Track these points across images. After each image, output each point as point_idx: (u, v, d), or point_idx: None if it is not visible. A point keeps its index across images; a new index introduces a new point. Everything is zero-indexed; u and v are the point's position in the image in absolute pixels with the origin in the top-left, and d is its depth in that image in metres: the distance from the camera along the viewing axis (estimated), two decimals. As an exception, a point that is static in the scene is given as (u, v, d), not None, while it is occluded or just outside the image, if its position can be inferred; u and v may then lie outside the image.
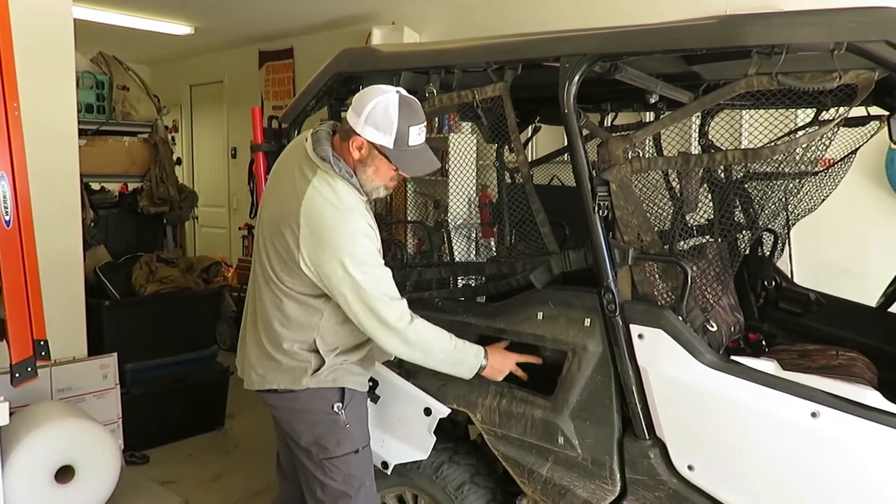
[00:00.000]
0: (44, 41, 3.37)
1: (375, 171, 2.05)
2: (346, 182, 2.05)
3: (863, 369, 2.46)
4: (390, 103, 1.95)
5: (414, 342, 2.06)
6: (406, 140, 1.98)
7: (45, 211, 2.95)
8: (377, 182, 2.08)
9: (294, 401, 2.16)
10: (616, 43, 2.01)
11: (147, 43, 7.29)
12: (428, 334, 2.09)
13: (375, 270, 2.02)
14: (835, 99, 2.11)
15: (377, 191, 2.12)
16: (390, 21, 5.85)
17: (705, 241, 2.63)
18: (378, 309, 2.01)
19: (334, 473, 2.17)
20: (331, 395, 2.15)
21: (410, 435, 2.36)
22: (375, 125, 1.96)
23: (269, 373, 2.17)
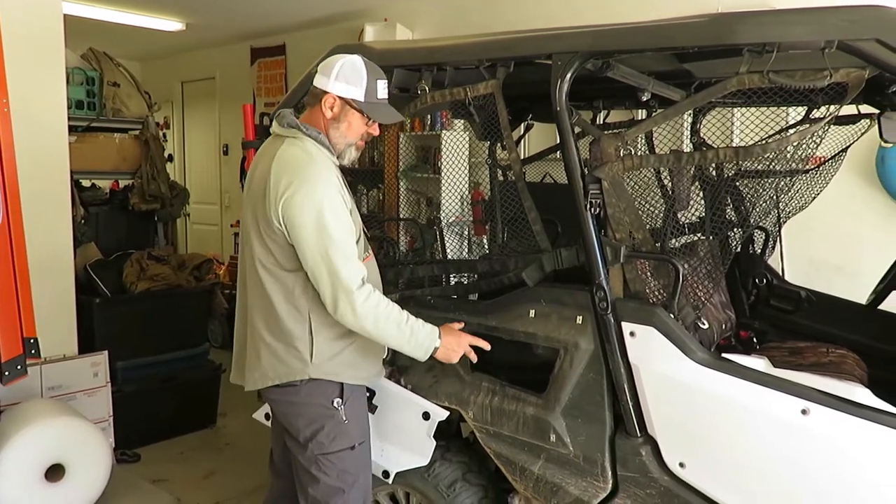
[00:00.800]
0: (33, 37, 3.35)
1: (349, 127, 2.11)
2: (314, 142, 2.10)
3: (853, 366, 2.48)
4: (356, 61, 2.09)
5: (364, 310, 2.01)
6: (375, 93, 2.08)
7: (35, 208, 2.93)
8: (350, 138, 2.12)
9: (295, 394, 2.15)
10: (608, 41, 2.01)
11: (138, 39, 7.25)
12: (380, 305, 2.04)
13: (344, 225, 2.03)
14: (826, 97, 2.12)
15: (349, 151, 2.15)
16: (383, 18, 5.84)
17: (697, 239, 2.64)
18: (336, 262, 1.99)
19: (329, 469, 2.16)
20: (331, 389, 2.14)
21: (410, 441, 2.36)
22: (346, 80, 2.06)
23: (269, 368, 2.15)
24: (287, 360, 2.13)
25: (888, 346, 2.69)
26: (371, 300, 2.03)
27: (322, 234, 1.98)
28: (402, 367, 2.49)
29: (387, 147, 5.51)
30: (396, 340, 2.10)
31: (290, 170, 2.03)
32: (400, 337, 2.09)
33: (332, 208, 2.00)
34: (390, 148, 5.48)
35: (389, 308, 2.07)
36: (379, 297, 2.06)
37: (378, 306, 2.04)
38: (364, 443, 2.23)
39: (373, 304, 2.03)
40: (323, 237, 1.98)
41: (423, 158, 5.59)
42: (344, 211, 2.05)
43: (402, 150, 5.55)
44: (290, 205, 1.98)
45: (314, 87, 2.11)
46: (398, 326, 2.07)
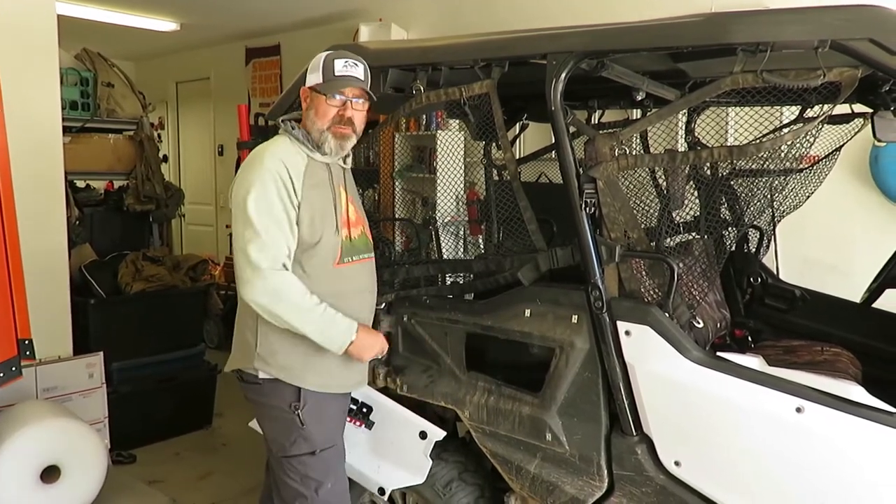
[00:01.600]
0: (27, 37, 3.35)
1: (316, 112, 2.13)
2: (289, 137, 2.17)
3: (847, 364, 2.48)
4: (324, 53, 2.16)
5: (275, 292, 2.01)
6: (332, 70, 2.10)
7: (29, 209, 2.93)
8: (319, 123, 2.13)
9: (259, 393, 2.20)
10: (603, 40, 2.01)
11: (132, 39, 7.24)
12: (294, 290, 2.04)
13: (269, 214, 2.03)
14: (819, 96, 2.13)
15: (326, 139, 2.14)
16: (378, 18, 5.83)
17: (692, 238, 2.65)
18: (248, 246, 2.01)
19: (292, 472, 2.19)
20: (288, 392, 2.16)
21: (406, 460, 2.36)
22: (311, 70, 2.15)
23: (234, 351, 2.26)
24: (241, 347, 2.21)
25: (882, 344, 2.70)
26: (285, 285, 2.02)
27: (243, 213, 2.03)
28: (398, 367, 2.49)
29: (382, 147, 5.51)
30: (312, 330, 2.07)
31: (248, 161, 2.16)
32: (311, 326, 2.06)
33: (259, 196, 2.02)
34: (386, 148, 5.47)
35: (302, 298, 2.04)
36: (294, 284, 2.04)
37: (293, 293, 2.03)
38: (330, 449, 2.22)
39: (287, 290, 2.02)
40: (244, 216, 2.03)
41: (418, 158, 5.59)
42: (278, 198, 2.04)
43: (397, 150, 5.55)
44: (233, 189, 2.12)
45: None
46: (310, 316, 2.05)
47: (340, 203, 2.20)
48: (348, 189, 2.29)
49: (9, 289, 2.50)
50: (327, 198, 2.17)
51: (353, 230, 2.24)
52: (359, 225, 2.29)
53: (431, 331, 2.41)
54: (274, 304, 2.03)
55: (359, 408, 2.43)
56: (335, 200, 2.19)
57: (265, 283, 2.01)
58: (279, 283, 2.02)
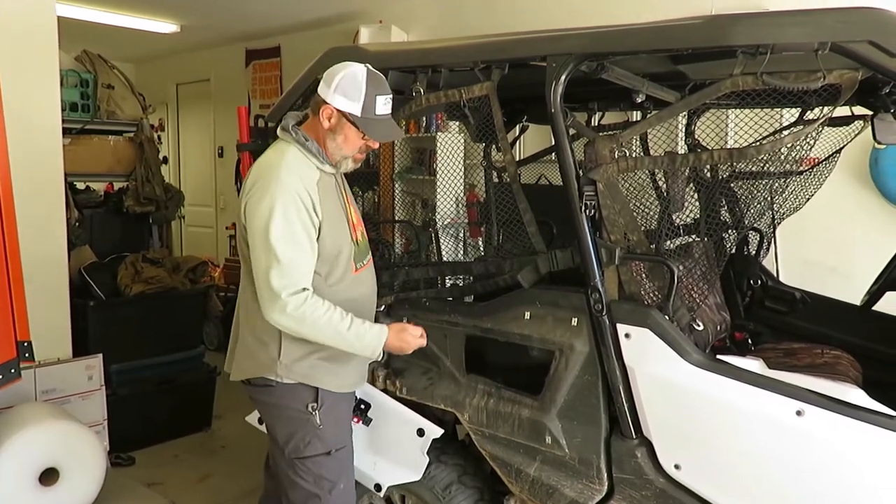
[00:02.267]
0: (27, 39, 3.35)
1: (345, 140, 2.09)
2: (300, 148, 2.10)
3: (847, 367, 2.48)
4: (358, 73, 2.05)
5: (298, 318, 2.00)
6: (373, 109, 2.05)
7: (29, 211, 2.93)
8: (346, 151, 2.11)
9: (270, 395, 2.18)
10: (602, 43, 2.01)
11: (132, 41, 7.24)
12: (317, 313, 2.01)
13: (292, 235, 2.00)
14: (819, 99, 2.13)
15: (345, 162, 2.15)
16: (378, 20, 5.84)
17: (692, 241, 2.64)
18: (271, 270, 1.99)
19: (305, 474, 2.18)
20: (305, 393, 2.15)
21: (403, 456, 2.36)
22: (345, 94, 2.04)
23: (243, 360, 2.21)
24: (257, 356, 2.17)
25: (882, 346, 2.70)
26: (305, 309, 2.00)
27: (264, 240, 1.99)
28: (397, 369, 2.49)
29: (382, 149, 5.50)
30: (341, 343, 2.07)
31: (260, 173, 2.08)
32: (340, 342, 2.07)
33: (281, 217, 1.99)
34: (385, 150, 5.47)
35: (326, 318, 2.02)
36: (316, 305, 2.02)
37: (316, 314, 2.01)
38: (343, 449, 2.23)
39: (308, 313, 2.00)
40: (265, 242, 1.99)
41: (418, 160, 5.59)
42: (299, 221, 2.02)
43: (397, 152, 5.55)
44: (249, 207, 2.06)
45: (317, 95, 2.11)
46: (336, 334, 2.05)
47: (346, 210, 2.21)
48: (346, 191, 2.29)
49: (8, 291, 2.50)
50: (339, 207, 2.17)
51: (357, 233, 2.25)
52: (360, 226, 2.29)
53: (431, 333, 2.39)
54: (299, 328, 2.03)
55: (357, 404, 2.42)
56: (345, 208, 2.20)
57: (287, 309, 1.99)
58: (301, 308, 2.00)
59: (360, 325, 2.07)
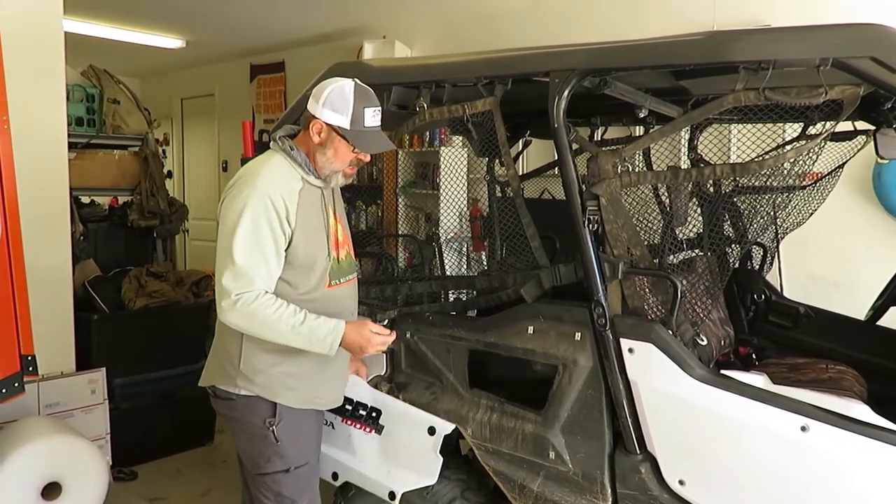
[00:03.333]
0: (34, 54, 3.37)
1: (335, 154, 2.09)
2: (286, 157, 2.11)
3: (852, 382, 2.47)
4: (346, 87, 2.06)
5: (247, 314, 1.98)
6: (362, 121, 2.05)
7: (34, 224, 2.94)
8: (336, 165, 2.11)
9: (232, 408, 2.18)
10: (605, 58, 2.02)
11: (138, 56, 7.29)
12: (267, 309, 1.98)
13: (256, 239, 1.99)
14: (821, 114, 2.13)
15: (336, 176, 2.14)
16: (381, 35, 5.88)
17: (695, 255, 2.64)
18: (226, 268, 1.98)
19: (266, 490, 2.18)
20: (263, 408, 2.13)
21: (417, 459, 2.34)
22: (333, 107, 2.05)
23: (210, 368, 2.23)
24: (222, 366, 2.17)
25: (887, 361, 2.69)
26: (254, 306, 1.97)
27: (228, 242, 1.99)
28: (400, 384, 2.49)
29: (385, 163, 5.53)
30: (291, 341, 2.03)
31: (239, 178, 2.10)
32: (293, 338, 2.02)
33: (249, 221, 1.98)
34: (389, 164, 5.50)
35: (276, 314, 1.99)
36: (268, 302, 1.99)
37: (257, 314, 1.98)
38: (304, 466, 2.20)
39: (258, 310, 1.97)
40: (228, 244, 1.99)
41: (421, 175, 5.60)
42: (267, 227, 2.00)
43: (400, 167, 5.57)
44: (222, 209, 2.07)
45: (306, 111, 2.13)
46: (288, 329, 2.00)
47: (330, 225, 2.18)
48: (336, 209, 2.26)
49: (12, 304, 2.50)
50: (319, 221, 2.15)
51: (340, 251, 2.22)
52: (345, 245, 2.26)
53: (434, 347, 2.40)
54: (250, 324, 2.01)
55: (368, 413, 2.41)
56: (326, 223, 2.17)
57: (237, 305, 1.98)
58: (252, 304, 1.98)
59: (315, 320, 2.03)
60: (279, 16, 5.80)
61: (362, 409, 2.44)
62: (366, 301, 2.53)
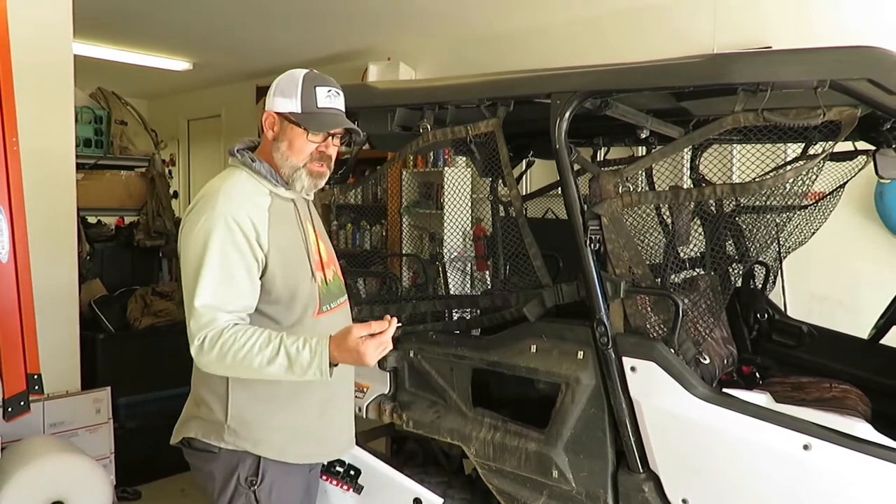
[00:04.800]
0: (44, 77, 3.42)
1: (289, 146, 1.83)
2: (248, 172, 1.86)
3: (856, 401, 2.47)
4: (295, 72, 1.85)
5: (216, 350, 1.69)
6: (314, 101, 1.81)
7: (41, 244, 2.97)
8: (294, 159, 1.84)
9: (209, 462, 1.87)
10: (606, 80, 2.05)
11: (145, 78, 7.38)
12: (237, 342, 1.69)
13: (221, 265, 1.72)
14: (821, 134, 2.15)
15: (299, 177, 1.86)
16: (386, 57, 5.94)
17: (697, 274, 2.65)
18: (191, 303, 1.71)
19: None
20: (247, 464, 1.86)
21: None
22: (282, 93, 1.83)
23: (187, 418, 1.91)
24: (199, 414, 1.88)
25: (891, 380, 2.68)
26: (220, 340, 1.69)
27: (191, 277, 1.73)
28: (404, 402, 2.49)
29: (390, 184, 5.57)
30: (272, 374, 1.71)
31: (197, 200, 1.83)
32: (272, 369, 1.70)
33: (215, 251, 1.72)
34: (393, 184, 5.54)
35: (247, 347, 1.69)
36: (230, 342, 1.69)
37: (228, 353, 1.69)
38: None
39: (221, 344, 1.69)
40: (192, 280, 1.73)
41: (425, 195, 5.64)
42: (236, 253, 1.74)
43: (404, 187, 5.61)
44: (181, 237, 1.82)
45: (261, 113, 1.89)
46: (269, 362, 1.69)
47: (310, 242, 1.92)
48: (315, 223, 2.01)
49: (19, 324, 2.53)
50: (297, 239, 1.89)
51: (326, 272, 1.95)
52: (331, 265, 2.00)
53: (438, 366, 2.41)
54: (225, 367, 1.74)
55: (346, 471, 2.28)
56: (305, 241, 1.90)
57: (203, 348, 1.71)
58: (219, 340, 1.70)
59: (291, 346, 1.69)
60: (285, 38, 5.88)
61: (339, 465, 2.28)
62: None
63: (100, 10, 4.99)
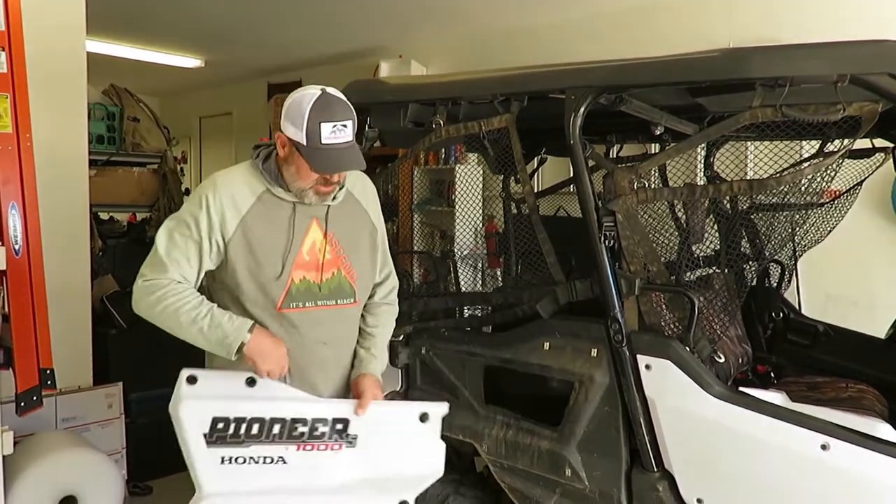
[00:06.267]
0: (57, 74, 3.43)
1: (297, 171, 1.88)
2: (251, 166, 1.96)
3: (872, 402, 2.44)
4: (305, 98, 1.83)
5: (152, 298, 1.87)
6: (318, 137, 1.81)
7: (54, 240, 2.97)
8: (301, 183, 1.89)
9: None
10: (621, 75, 2.03)
11: (158, 75, 7.40)
12: (174, 295, 1.84)
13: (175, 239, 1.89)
14: (839, 131, 2.13)
15: (306, 194, 1.91)
16: (398, 54, 5.93)
17: (712, 272, 2.63)
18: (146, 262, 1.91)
19: None
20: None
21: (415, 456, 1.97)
22: (291, 121, 1.84)
23: None
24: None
25: (908, 381, 2.65)
26: (149, 290, 1.87)
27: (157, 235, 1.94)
28: (416, 400, 2.48)
29: (401, 180, 5.55)
30: (193, 337, 1.88)
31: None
32: (195, 334, 1.87)
33: (178, 220, 1.91)
34: (405, 181, 5.52)
35: (181, 301, 1.84)
36: (164, 291, 1.85)
37: (160, 297, 1.85)
38: None
39: (151, 292, 1.87)
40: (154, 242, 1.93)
41: (437, 192, 5.63)
42: (194, 231, 1.87)
43: (416, 184, 5.60)
44: None
45: None
46: (192, 321, 1.84)
47: (298, 244, 1.93)
48: (331, 227, 1.98)
49: (32, 319, 2.53)
50: (276, 238, 1.92)
51: (323, 273, 1.96)
52: (332, 268, 1.98)
53: (450, 363, 2.40)
54: (153, 314, 1.90)
55: (332, 429, 1.90)
56: (289, 241, 1.92)
57: (137, 287, 1.90)
58: (151, 284, 1.87)
59: (222, 315, 1.85)
60: (296, 36, 5.87)
61: (322, 426, 1.90)
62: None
63: (113, 7, 5.00)
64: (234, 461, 1.88)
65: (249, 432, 1.87)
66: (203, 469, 1.90)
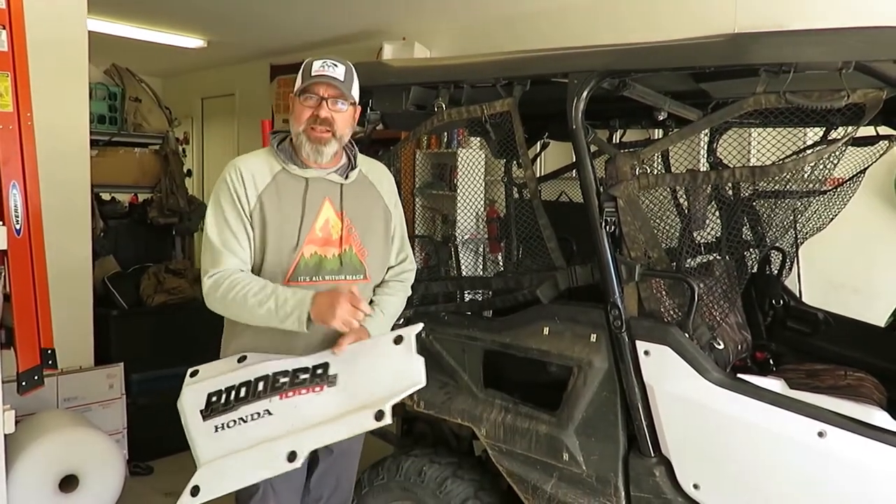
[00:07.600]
0: (58, 53, 3.42)
1: (294, 116, 2.02)
2: (269, 149, 2.08)
3: (871, 390, 2.44)
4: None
5: (212, 287, 1.97)
6: (309, 71, 1.98)
7: (55, 220, 2.97)
8: (296, 126, 2.01)
9: None
10: (624, 60, 2.02)
11: (160, 55, 7.36)
12: (237, 285, 1.93)
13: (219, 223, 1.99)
14: (843, 118, 2.12)
15: (302, 142, 2.00)
16: (401, 37, 5.90)
17: (713, 259, 2.63)
18: (204, 256, 2.02)
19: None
20: None
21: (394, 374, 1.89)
22: (297, 79, 2.02)
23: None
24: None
25: (907, 369, 2.66)
26: (213, 283, 1.96)
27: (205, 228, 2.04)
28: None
29: (403, 164, 5.53)
30: (264, 318, 1.91)
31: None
32: (266, 315, 1.90)
33: (215, 207, 2.01)
34: (406, 165, 5.51)
35: (245, 289, 1.91)
36: (226, 280, 1.95)
37: (220, 288, 1.95)
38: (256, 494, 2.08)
39: (213, 285, 1.96)
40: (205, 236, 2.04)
41: (438, 175, 5.62)
42: (231, 210, 1.98)
43: (418, 167, 5.58)
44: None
45: None
46: (259, 304, 1.90)
47: (311, 219, 2.02)
48: (344, 205, 2.06)
49: (33, 299, 2.54)
50: (292, 212, 2.01)
51: (326, 248, 2.04)
52: (344, 244, 2.06)
53: (449, 347, 2.40)
54: (227, 307, 1.99)
55: (312, 374, 1.93)
56: (302, 216, 2.01)
57: (205, 285, 1.99)
58: (216, 279, 1.96)
59: (285, 291, 1.91)
60: (299, 17, 5.84)
61: (303, 374, 1.94)
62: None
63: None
64: (226, 426, 1.92)
65: (238, 396, 1.93)
66: (201, 442, 1.95)
